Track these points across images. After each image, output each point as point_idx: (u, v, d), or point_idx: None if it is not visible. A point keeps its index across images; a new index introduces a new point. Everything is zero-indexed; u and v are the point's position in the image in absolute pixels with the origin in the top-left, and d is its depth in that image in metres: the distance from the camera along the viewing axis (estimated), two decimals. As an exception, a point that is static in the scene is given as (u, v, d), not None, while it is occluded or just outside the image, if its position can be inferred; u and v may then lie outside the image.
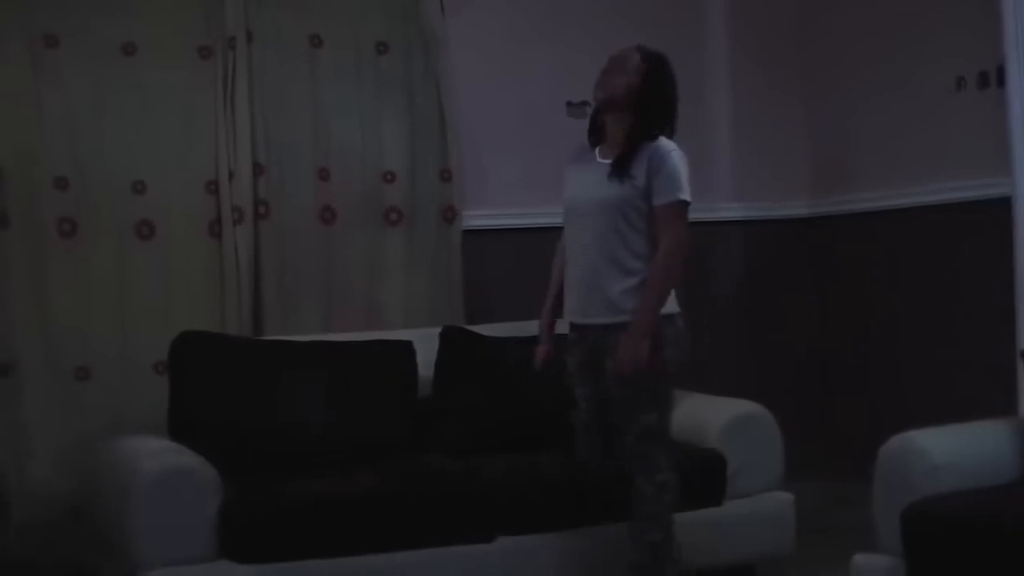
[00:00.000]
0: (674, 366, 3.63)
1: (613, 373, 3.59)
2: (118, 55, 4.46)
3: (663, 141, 3.65)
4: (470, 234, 4.91)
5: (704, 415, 4.30)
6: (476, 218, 4.94)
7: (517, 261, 4.86)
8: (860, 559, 3.41)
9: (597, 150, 3.76)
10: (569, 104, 5.07)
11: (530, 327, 4.31)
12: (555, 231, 3.83)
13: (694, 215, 5.20)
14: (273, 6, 4.67)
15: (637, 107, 3.65)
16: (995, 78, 4.50)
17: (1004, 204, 4.45)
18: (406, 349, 4.31)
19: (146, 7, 4.51)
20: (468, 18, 4.95)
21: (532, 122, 5.00)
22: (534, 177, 4.79)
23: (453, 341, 4.41)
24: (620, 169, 3.62)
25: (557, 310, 3.86)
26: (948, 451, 3.28)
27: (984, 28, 4.49)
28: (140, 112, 4.49)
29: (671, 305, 3.63)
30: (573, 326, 3.77)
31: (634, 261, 3.62)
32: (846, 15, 5.31)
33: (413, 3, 4.84)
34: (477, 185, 4.94)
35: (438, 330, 4.46)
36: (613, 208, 3.61)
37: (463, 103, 4.90)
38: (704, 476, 4.11)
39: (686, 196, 3.61)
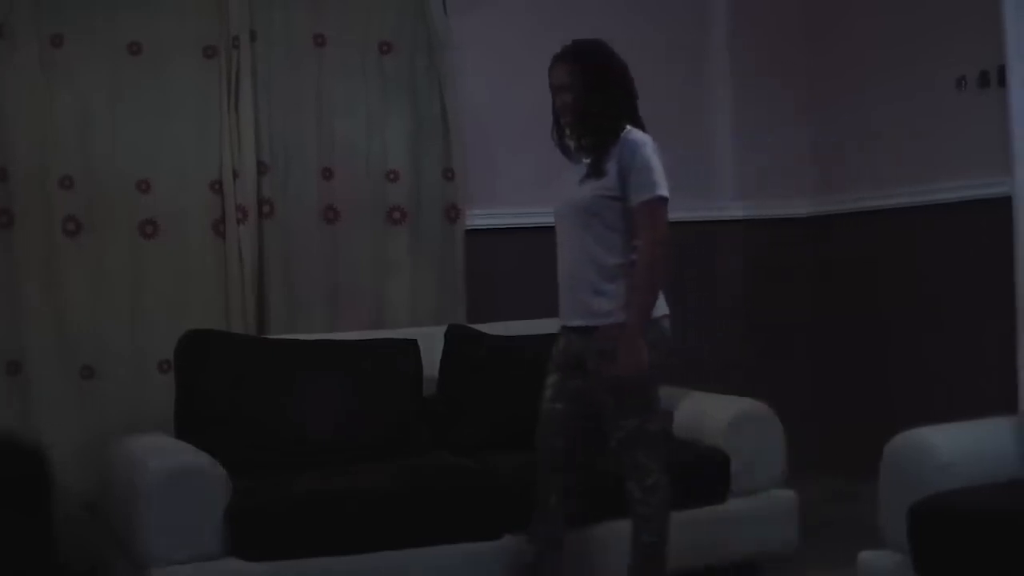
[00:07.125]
0: (655, 370, 3.55)
1: (600, 377, 3.56)
2: (123, 54, 4.45)
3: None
4: (477, 233, 4.92)
5: (707, 413, 4.31)
6: (482, 217, 4.94)
7: (524, 260, 4.86)
8: (866, 556, 3.40)
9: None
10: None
11: (536, 325, 4.32)
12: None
13: (697, 214, 5.23)
14: (277, 5, 4.67)
15: None
16: (996, 78, 4.52)
17: (1004, 203, 4.47)
18: (411, 348, 4.32)
19: (151, 7, 4.50)
20: (475, 17, 4.94)
21: (539, 121, 4.97)
22: (541, 176, 4.77)
23: (457, 339, 4.41)
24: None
25: None
26: (956, 448, 3.28)
27: (985, 28, 4.50)
28: (145, 111, 4.49)
29: (660, 307, 3.60)
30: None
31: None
32: (847, 16, 5.32)
33: (417, 2, 4.84)
34: (485, 184, 4.95)
35: (442, 329, 4.46)
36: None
37: (470, 102, 4.90)
38: (708, 474, 4.13)
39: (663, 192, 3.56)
